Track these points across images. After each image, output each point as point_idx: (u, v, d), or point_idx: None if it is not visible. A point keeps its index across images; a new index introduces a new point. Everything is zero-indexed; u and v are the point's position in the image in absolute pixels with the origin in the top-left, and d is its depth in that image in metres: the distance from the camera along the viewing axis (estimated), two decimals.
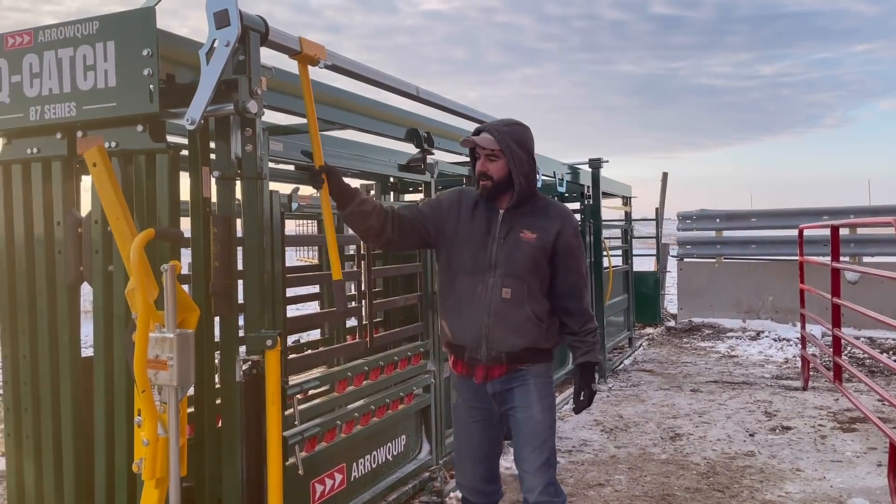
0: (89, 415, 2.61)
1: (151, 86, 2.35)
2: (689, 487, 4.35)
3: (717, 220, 11.60)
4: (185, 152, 2.59)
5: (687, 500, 4.16)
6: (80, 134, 2.56)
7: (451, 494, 4.08)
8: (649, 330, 10.77)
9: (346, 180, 2.93)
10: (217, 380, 2.62)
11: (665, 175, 13.23)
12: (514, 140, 2.74)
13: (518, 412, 2.82)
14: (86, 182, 2.63)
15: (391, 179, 5.15)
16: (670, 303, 12.47)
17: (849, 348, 8.13)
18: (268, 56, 2.58)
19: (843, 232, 10.15)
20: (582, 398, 2.85)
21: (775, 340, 9.45)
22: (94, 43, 2.43)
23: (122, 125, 2.48)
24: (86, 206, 2.63)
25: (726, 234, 11.59)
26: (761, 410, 6.11)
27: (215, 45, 2.30)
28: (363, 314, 3.77)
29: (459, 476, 3.01)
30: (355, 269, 4.17)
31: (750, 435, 5.40)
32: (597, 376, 2.90)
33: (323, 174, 2.80)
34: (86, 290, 2.68)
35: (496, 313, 2.75)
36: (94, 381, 2.59)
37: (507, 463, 3.85)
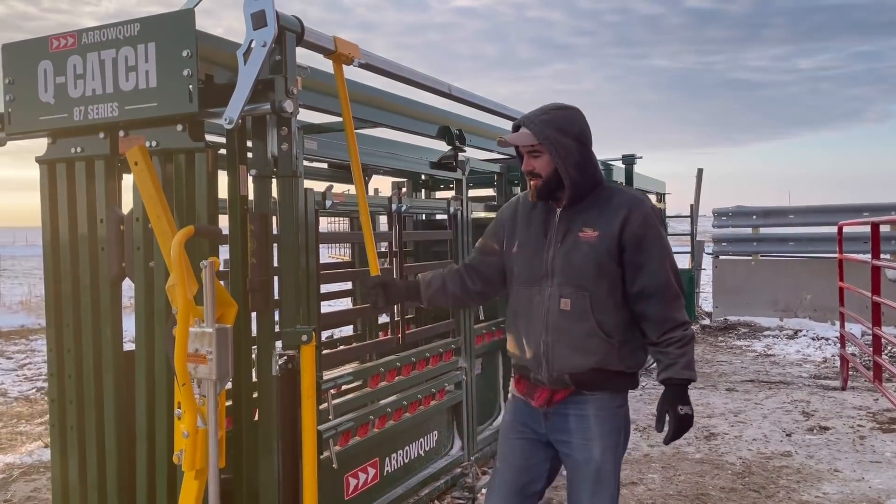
0: (131, 407, 2.68)
1: (191, 86, 2.40)
2: (723, 487, 4.31)
3: (754, 217, 11.42)
4: (223, 151, 2.64)
5: (722, 499, 4.12)
6: (121, 133, 2.62)
7: (483, 490, 4.09)
8: None
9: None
10: (254, 374, 2.67)
11: (700, 171, 13.06)
12: (555, 129, 2.36)
13: (574, 448, 2.40)
14: (127, 180, 2.70)
15: (423, 177, 5.18)
16: (705, 301, 12.32)
17: (889, 347, 7.96)
18: (302, 55, 2.62)
19: (884, 229, 9.90)
20: (666, 426, 2.32)
21: (813, 339, 9.28)
22: (135, 44, 2.49)
23: (162, 125, 2.54)
24: (128, 204, 2.70)
25: (763, 231, 11.41)
26: (799, 410, 6.01)
27: (252, 45, 2.34)
28: (395, 311, 3.80)
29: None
30: (387, 266, 4.20)
31: (787, 435, 5.33)
32: (688, 397, 2.32)
33: (378, 287, 2.68)
34: (127, 286, 2.75)
35: (555, 328, 2.36)
36: (136, 375, 2.65)
37: None
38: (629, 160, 7.59)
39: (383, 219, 4.56)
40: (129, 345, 2.70)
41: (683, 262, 11.99)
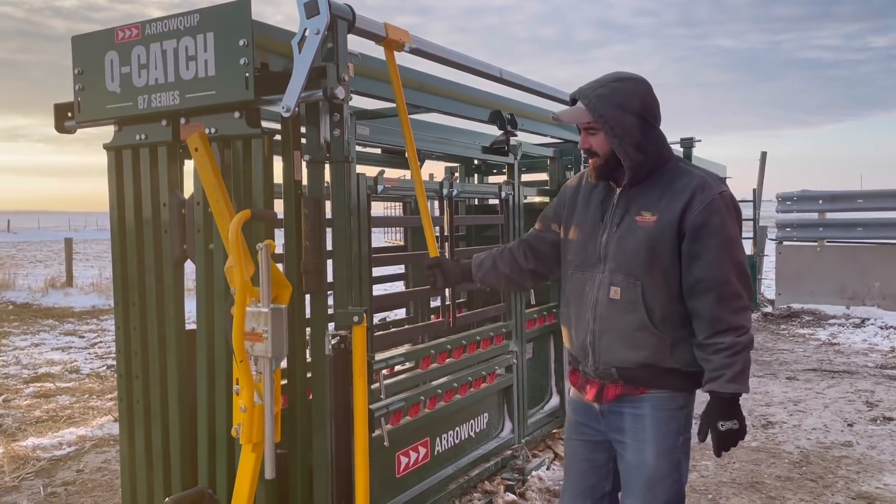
0: (192, 382, 2.81)
1: (247, 74, 2.48)
2: (779, 476, 4.23)
3: (820, 202, 11.04)
4: (278, 137, 2.72)
5: (777, 488, 4.06)
6: (182, 121, 2.72)
7: (534, 473, 4.13)
8: None
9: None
10: (308, 354, 2.76)
11: (764, 154, 12.69)
12: (612, 104, 2.16)
13: (627, 449, 2.26)
14: (188, 165, 2.81)
15: (475, 162, 5.20)
16: (767, 288, 12.00)
17: None
18: (355, 43, 2.67)
19: None
20: (714, 440, 2.14)
21: (881, 328, 8.96)
22: (195, 34, 2.58)
23: (220, 112, 2.63)
24: (189, 189, 2.81)
25: (830, 216, 11.03)
26: (862, 400, 5.84)
27: (306, 34, 2.40)
28: (446, 295, 3.85)
29: None
30: (441, 249, 4.24)
31: (848, 425, 5.18)
32: (733, 413, 2.13)
33: (435, 268, 2.71)
34: (190, 267, 2.87)
35: (602, 318, 2.23)
36: (197, 352, 2.77)
37: None
38: (688, 143, 7.45)
39: (437, 203, 4.61)
40: (192, 325, 2.82)
41: (745, 247, 11.70)
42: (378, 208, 6.61)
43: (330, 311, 2.74)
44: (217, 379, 2.72)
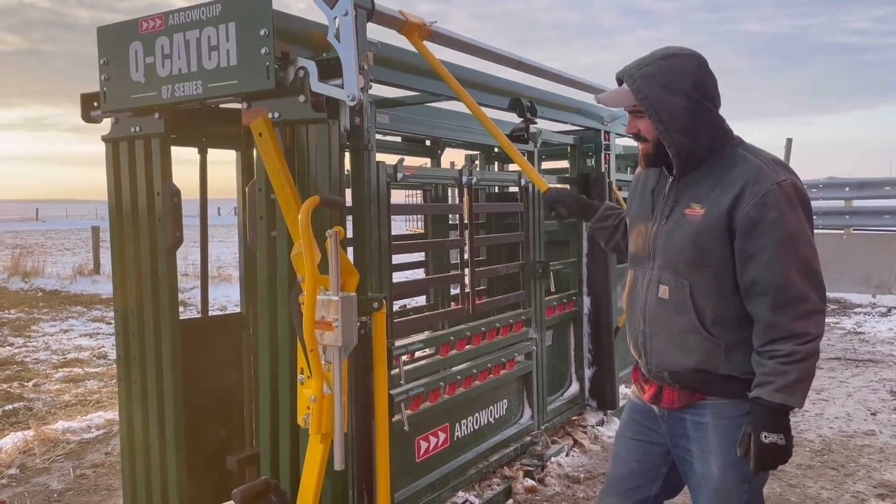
0: (188, 367, 2.86)
1: (268, 63, 2.50)
2: (800, 464, 4.22)
3: (847, 189, 10.89)
4: None
5: (798, 476, 4.05)
6: (244, 105, 2.67)
7: (553, 459, 4.15)
8: None
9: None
10: None
11: (789, 141, 12.52)
12: (658, 84, 1.99)
13: (694, 458, 2.10)
14: (178, 154, 2.86)
15: (495, 150, 5.20)
16: None
17: None
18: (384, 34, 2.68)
19: None
20: (753, 452, 1.92)
21: None
22: (217, 24, 2.61)
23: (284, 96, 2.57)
24: (177, 179, 2.85)
25: (856, 203, 10.87)
26: (886, 389, 5.78)
27: (336, 22, 2.42)
28: (466, 282, 3.88)
29: (601, 499, 2.35)
30: (458, 237, 4.27)
31: (871, 414, 5.14)
32: (780, 426, 1.91)
33: (554, 201, 2.61)
34: (180, 253, 2.91)
35: (652, 318, 2.10)
36: (258, 340, 2.76)
37: None
38: None
39: (456, 191, 4.62)
40: (234, 309, 2.85)
41: None
42: (400, 196, 6.64)
43: None
44: (280, 368, 2.68)
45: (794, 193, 1.94)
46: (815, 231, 1.99)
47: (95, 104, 3.03)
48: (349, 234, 2.77)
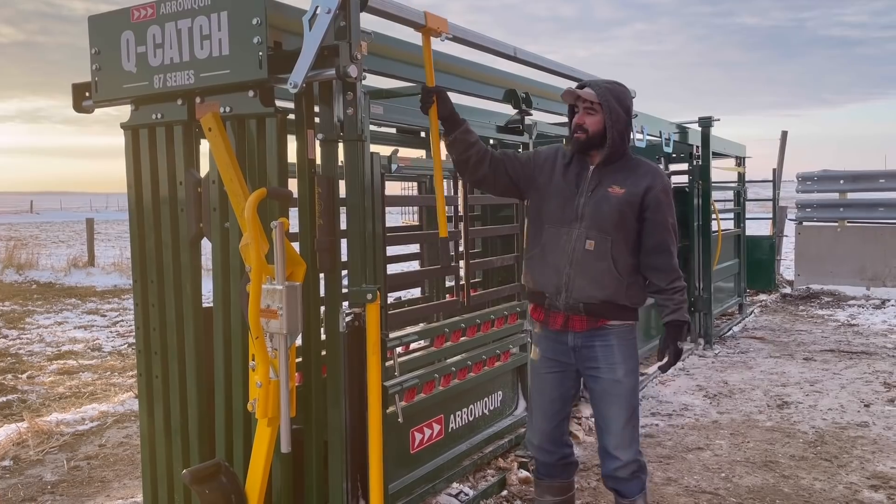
0: (209, 359, 2.85)
1: (260, 53, 2.49)
2: (794, 455, 4.23)
3: (841, 182, 10.91)
4: (292, 116, 2.74)
5: (791, 467, 4.06)
6: (198, 100, 2.74)
7: None
8: (762, 297, 10.34)
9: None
10: (322, 332, 2.79)
11: (784, 134, 12.54)
12: (614, 96, 2.77)
13: (602, 373, 2.82)
14: (204, 144, 2.83)
15: (490, 141, 5.18)
16: (787, 269, 11.90)
17: None
18: (386, 26, 2.68)
19: None
20: (667, 356, 2.83)
21: None
22: (209, 13, 2.59)
23: (235, 91, 2.65)
24: (205, 167, 2.84)
25: (851, 196, 10.89)
26: (880, 381, 5.80)
27: (318, 11, 2.41)
28: (461, 274, 3.87)
29: (529, 433, 3.08)
30: (454, 229, 4.26)
31: (865, 405, 5.16)
32: (686, 335, 2.87)
33: (433, 94, 2.91)
34: (206, 247, 2.91)
35: (577, 263, 2.78)
36: (213, 329, 2.81)
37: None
38: (706, 123, 7.36)
39: (452, 183, 4.61)
40: (209, 302, 2.86)
41: (765, 228, 11.62)
42: (395, 188, 6.62)
43: (345, 290, 2.77)
44: (233, 355, 2.76)
45: (670, 188, 2.91)
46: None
47: (87, 94, 3.01)
48: (343, 225, 2.77)
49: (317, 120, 2.72)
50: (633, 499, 2.87)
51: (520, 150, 4.54)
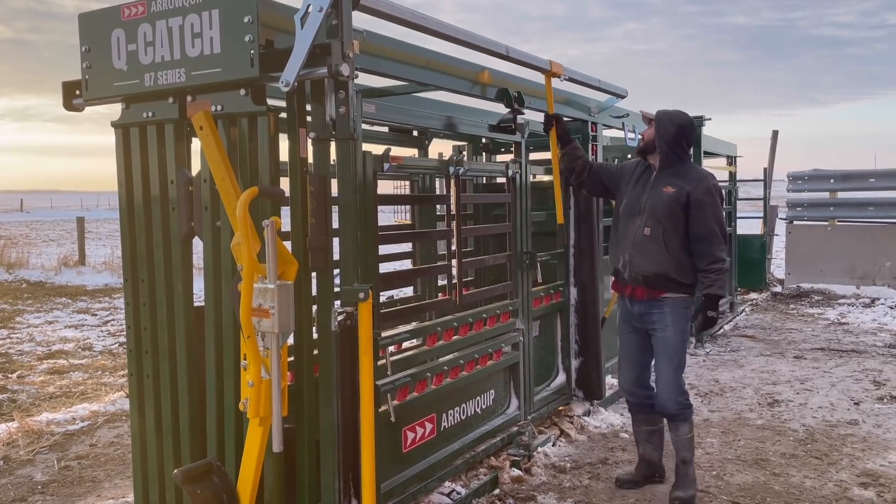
0: (201, 358, 2.84)
1: (252, 51, 2.48)
2: (784, 453, 4.25)
3: (832, 181, 10.96)
4: (284, 115, 2.73)
5: (782, 465, 4.08)
6: (189, 99, 2.73)
7: (540, 449, 4.17)
8: (753, 295, 10.38)
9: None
10: (314, 331, 2.78)
11: (775, 133, 12.59)
12: (667, 116, 3.64)
13: (657, 333, 3.66)
14: (196, 143, 2.82)
15: (483, 140, 5.19)
16: (777, 268, 11.95)
17: None
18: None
19: None
20: (699, 321, 3.61)
21: (891, 308, 8.94)
22: (200, 11, 2.58)
23: (226, 89, 2.63)
24: (196, 166, 2.82)
25: (841, 195, 10.95)
26: (869, 379, 5.84)
27: (309, 10, 2.40)
28: (453, 272, 3.87)
29: (620, 380, 3.98)
30: (446, 228, 4.26)
31: (855, 403, 5.19)
32: (717, 307, 3.61)
33: (553, 119, 4.10)
34: (198, 244, 2.89)
35: (637, 245, 3.64)
36: (205, 328, 2.80)
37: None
38: (697, 122, 7.39)
39: (444, 182, 4.61)
40: (200, 301, 2.85)
41: (755, 227, 11.67)
42: (388, 187, 6.62)
43: (337, 289, 2.77)
44: (225, 354, 2.75)
45: (715, 190, 3.64)
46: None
47: (77, 92, 2.99)
48: (335, 224, 2.77)
49: (309, 118, 2.71)
50: (676, 423, 3.66)
51: (512, 148, 4.56)
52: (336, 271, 2.82)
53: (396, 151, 3.46)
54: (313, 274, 2.75)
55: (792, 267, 10.87)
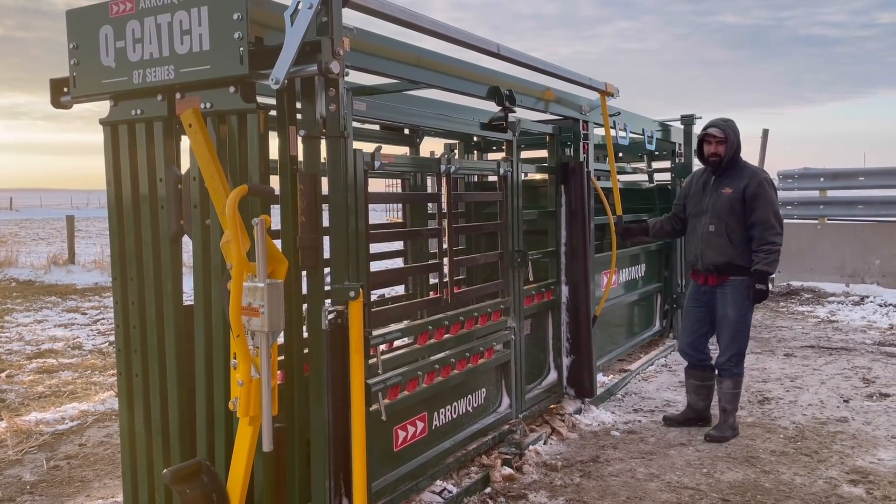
0: (190, 357, 2.83)
1: (242, 48, 2.47)
2: (774, 451, 4.27)
3: (821, 180, 11.01)
4: (274, 112, 2.72)
5: (772, 462, 4.09)
6: (178, 96, 2.71)
7: (531, 447, 4.17)
8: None
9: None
10: (305, 330, 2.77)
11: (765, 132, 12.63)
12: (731, 129, 4.47)
13: (719, 309, 4.50)
14: (185, 140, 2.80)
15: (474, 138, 5.18)
16: None
17: None
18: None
19: None
20: (751, 294, 4.36)
21: (880, 306, 8.98)
22: (189, 8, 2.57)
23: (215, 87, 2.62)
24: (186, 164, 2.81)
25: (831, 193, 11.00)
26: (859, 377, 5.87)
27: (299, 6, 2.39)
28: (444, 271, 3.86)
29: (679, 343, 4.92)
30: (437, 226, 4.25)
31: (844, 401, 5.22)
32: (767, 282, 4.35)
33: (623, 229, 5.08)
34: (188, 242, 2.88)
35: (705, 240, 4.49)
36: (194, 327, 2.79)
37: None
38: (688, 120, 7.41)
39: (435, 180, 4.59)
40: (190, 300, 2.84)
41: None
42: (380, 185, 6.59)
43: (327, 287, 2.76)
44: (215, 353, 2.74)
45: (766, 182, 4.45)
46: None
47: (65, 90, 2.97)
48: (325, 222, 2.76)
49: (299, 116, 2.70)
50: (722, 378, 4.53)
51: (503, 146, 4.55)
52: (326, 270, 2.81)
53: (387, 149, 3.45)
54: (304, 272, 2.74)
55: (782, 265, 10.85)
